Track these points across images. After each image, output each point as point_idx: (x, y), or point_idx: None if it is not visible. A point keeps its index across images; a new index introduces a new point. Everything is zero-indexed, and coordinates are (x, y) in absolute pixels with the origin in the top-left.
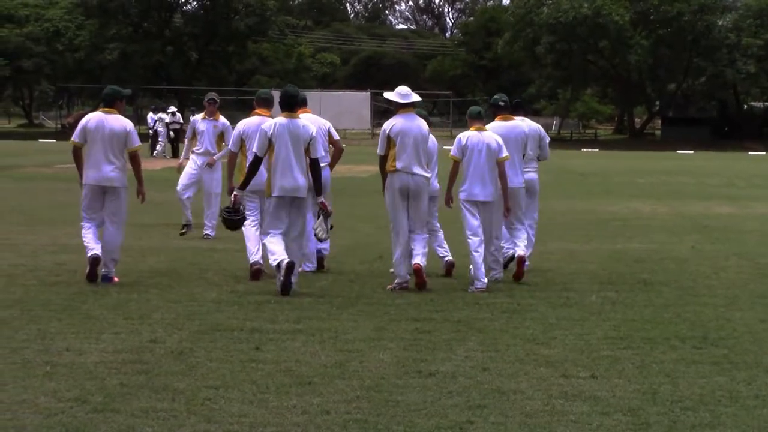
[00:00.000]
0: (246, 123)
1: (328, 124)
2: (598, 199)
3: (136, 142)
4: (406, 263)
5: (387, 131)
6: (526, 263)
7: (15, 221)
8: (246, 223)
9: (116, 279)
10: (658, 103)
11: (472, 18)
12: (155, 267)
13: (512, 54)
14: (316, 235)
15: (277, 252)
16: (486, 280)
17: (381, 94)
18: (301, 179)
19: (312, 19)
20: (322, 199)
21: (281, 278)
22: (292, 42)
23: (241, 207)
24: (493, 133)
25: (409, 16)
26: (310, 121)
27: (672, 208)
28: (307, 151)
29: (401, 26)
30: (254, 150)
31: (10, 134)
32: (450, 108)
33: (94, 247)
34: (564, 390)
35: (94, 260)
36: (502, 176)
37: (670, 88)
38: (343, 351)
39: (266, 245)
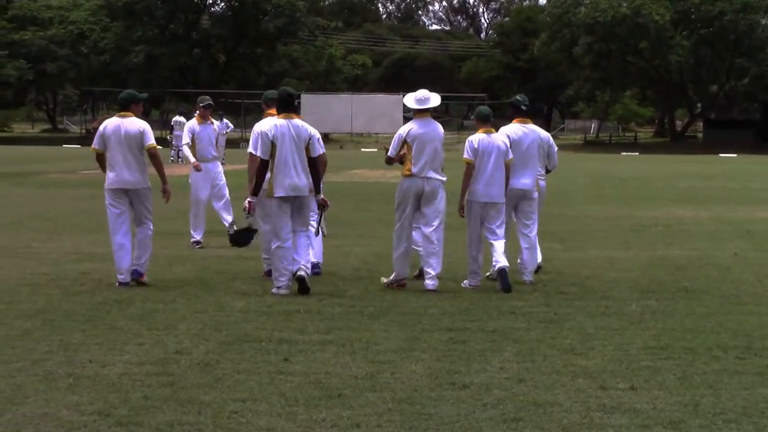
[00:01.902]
0: (266, 125)
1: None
2: (638, 204)
3: (151, 139)
4: (407, 262)
5: (403, 136)
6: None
7: (38, 228)
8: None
9: (145, 278)
10: (699, 105)
11: (507, 18)
12: (182, 276)
13: (549, 55)
14: (321, 232)
15: (283, 280)
16: (481, 275)
17: None
18: (302, 178)
19: (343, 20)
20: (322, 195)
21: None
22: (322, 44)
23: (252, 220)
24: (504, 135)
25: (443, 16)
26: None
27: (714, 214)
28: (307, 150)
29: (435, 27)
30: (258, 153)
31: (34, 140)
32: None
33: (123, 274)
34: (602, 402)
35: (121, 285)
36: (508, 178)
37: (712, 89)
38: (375, 362)
39: (274, 260)
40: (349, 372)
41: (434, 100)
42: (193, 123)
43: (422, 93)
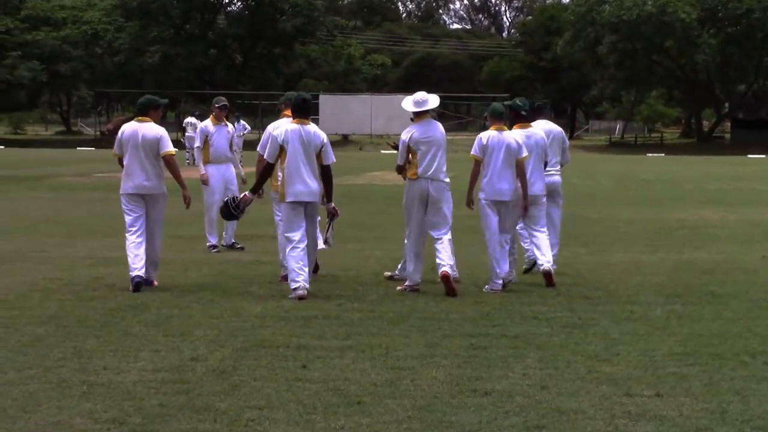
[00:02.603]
0: (277, 128)
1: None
2: (665, 206)
3: (168, 146)
4: (420, 267)
5: (406, 141)
6: (553, 266)
7: (52, 233)
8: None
9: (156, 283)
10: (727, 104)
11: (530, 17)
12: (197, 281)
13: (573, 54)
14: (326, 242)
15: (300, 280)
16: (501, 281)
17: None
18: (313, 184)
19: (362, 20)
20: (333, 204)
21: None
22: (341, 43)
23: (246, 208)
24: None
25: (464, 15)
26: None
27: (742, 216)
28: (319, 157)
29: (456, 26)
30: (266, 157)
31: (48, 142)
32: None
33: (137, 270)
34: (627, 409)
35: (137, 285)
36: (522, 176)
37: (740, 88)
38: (394, 368)
39: (289, 261)
40: (368, 379)
41: (432, 101)
42: (208, 124)
43: (420, 95)
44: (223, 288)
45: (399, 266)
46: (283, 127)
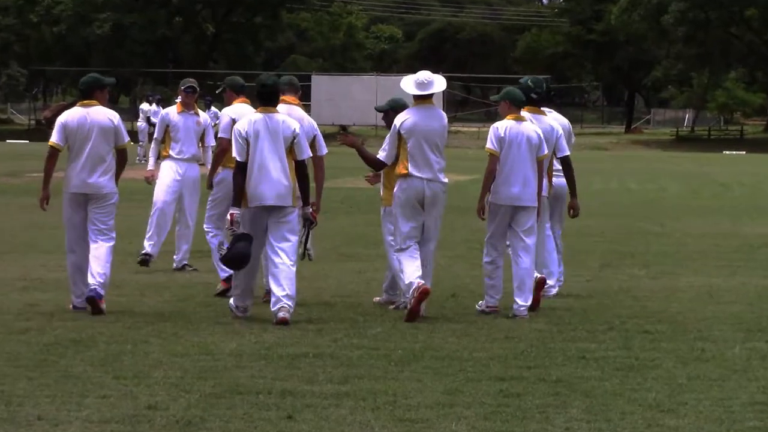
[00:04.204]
0: (241, 120)
1: (315, 130)
2: (745, 218)
3: (126, 137)
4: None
5: (397, 127)
6: (551, 284)
7: None
8: None
9: (103, 304)
10: None
11: None
12: (157, 308)
13: (630, 25)
14: (307, 255)
15: (246, 299)
16: (499, 297)
17: (458, 79)
18: (282, 185)
19: None
20: (311, 208)
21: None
22: (339, 10)
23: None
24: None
25: None
26: (296, 117)
27: None
28: (291, 151)
29: None
30: (234, 155)
31: None
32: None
33: (79, 294)
34: None
35: (90, 301)
36: (540, 176)
37: None
38: (404, 421)
39: (239, 275)
40: None
41: (438, 83)
42: (170, 111)
43: (424, 75)
44: (188, 318)
45: (384, 285)
46: (246, 118)
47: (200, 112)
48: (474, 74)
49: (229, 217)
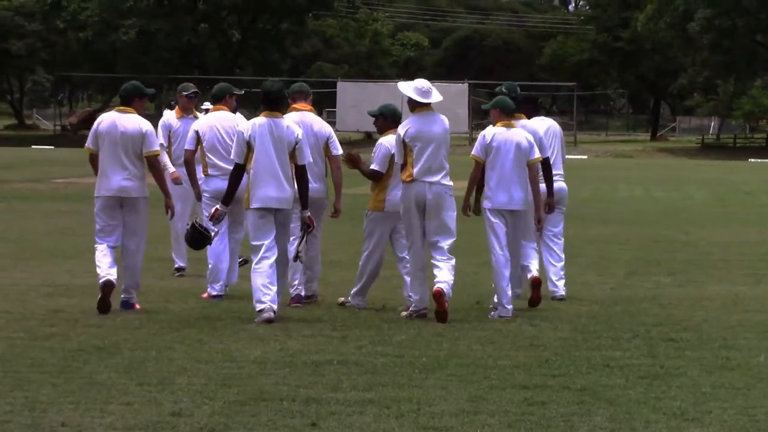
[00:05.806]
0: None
1: (329, 131)
2: None
3: (154, 144)
4: (425, 287)
5: (402, 135)
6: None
7: (0, 254)
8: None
9: (138, 306)
10: None
11: None
12: (181, 315)
13: (656, 33)
14: (298, 257)
15: (266, 300)
16: (512, 307)
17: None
18: (285, 188)
19: None
20: (308, 213)
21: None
22: (365, 17)
23: (214, 228)
24: (524, 129)
25: None
26: (308, 123)
27: None
28: (293, 156)
29: None
30: (233, 157)
31: None
32: (574, 103)
33: (107, 273)
34: None
35: (106, 286)
36: (533, 181)
37: None
38: (428, 429)
39: (254, 277)
40: None
41: (436, 94)
42: (170, 117)
43: (424, 83)
44: (213, 325)
45: (353, 290)
46: (251, 121)
47: (199, 116)
48: (500, 81)
49: (213, 210)
